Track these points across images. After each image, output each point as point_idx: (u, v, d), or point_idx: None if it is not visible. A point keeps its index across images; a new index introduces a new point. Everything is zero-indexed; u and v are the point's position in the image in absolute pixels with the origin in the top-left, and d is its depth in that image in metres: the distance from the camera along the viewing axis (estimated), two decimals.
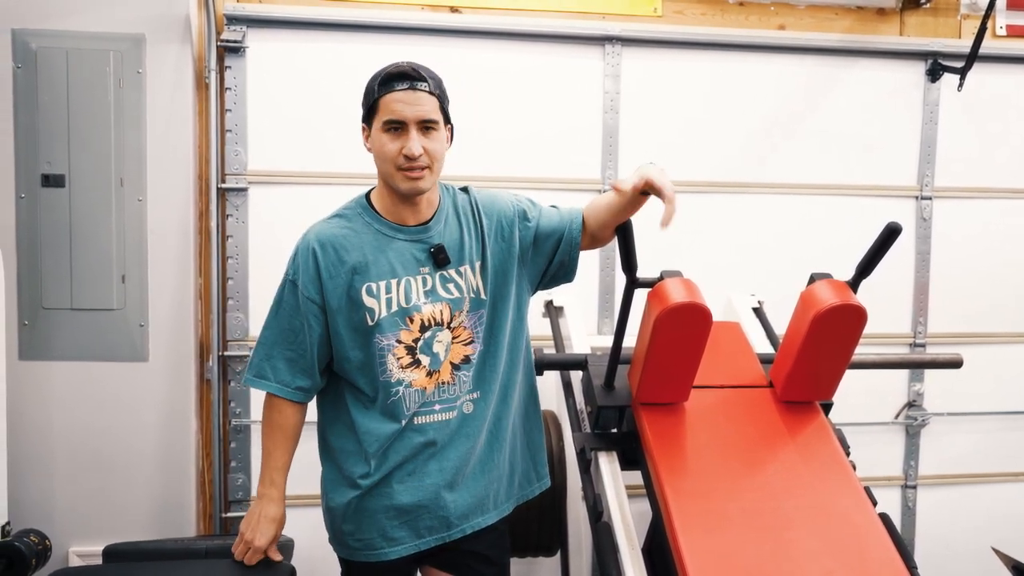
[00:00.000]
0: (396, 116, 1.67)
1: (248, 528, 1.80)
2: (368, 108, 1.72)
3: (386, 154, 1.68)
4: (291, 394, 1.77)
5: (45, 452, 2.63)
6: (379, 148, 1.70)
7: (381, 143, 1.69)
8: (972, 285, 3.15)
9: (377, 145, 1.70)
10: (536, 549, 2.49)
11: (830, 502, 1.66)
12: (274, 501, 1.79)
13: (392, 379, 1.72)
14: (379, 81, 1.69)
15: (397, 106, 1.67)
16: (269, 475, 1.80)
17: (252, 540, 1.78)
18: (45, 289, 2.60)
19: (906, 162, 3.08)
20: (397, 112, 1.67)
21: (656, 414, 1.86)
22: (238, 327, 2.76)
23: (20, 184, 2.57)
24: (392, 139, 1.68)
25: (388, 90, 1.67)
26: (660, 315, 1.70)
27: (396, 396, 1.72)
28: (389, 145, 1.68)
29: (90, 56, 2.57)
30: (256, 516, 1.79)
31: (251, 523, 1.79)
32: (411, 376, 1.73)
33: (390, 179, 1.71)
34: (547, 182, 2.88)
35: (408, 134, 1.67)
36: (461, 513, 1.78)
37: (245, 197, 2.75)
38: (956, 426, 3.18)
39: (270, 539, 1.79)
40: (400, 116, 1.67)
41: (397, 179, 1.70)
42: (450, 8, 2.83)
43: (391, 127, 1.68)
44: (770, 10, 3.01)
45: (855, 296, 1.76)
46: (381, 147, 1.69)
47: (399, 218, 1.76)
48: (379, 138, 1.69)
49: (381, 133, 1.69)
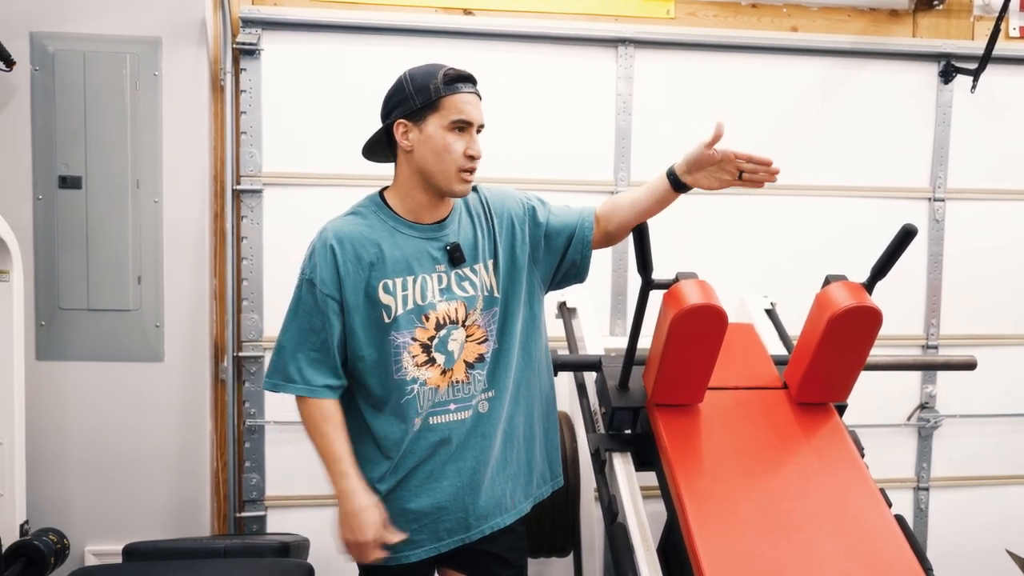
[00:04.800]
0: (466, 117, 1.68)
1: (348, 531, 1.69)
2: (425, 104, 1.68)
3: (451, 153, 1.68)
4: (321, 392, 1.73)
5: (62, 452, 2.65)
6: (440, 146, 1.68)
7: (445, 142, 1.68)
8: (984, 287, 3.14)
9: (438, 143, 1.68)
10: (549, 550, 2.50)
11: (846, 503, 1.66)
12: (357, 492, 1.69)
13: (407, 377, 1.72)
14: (445, 79, 1.68)
15: (467, 107, 1.68)
16: (337, 470, 1.70)
17: (360, 539, 1.67)
18: (62, 290, 2.62)
19: (919, 164, 3.08)
20: (467, 113, 1.68)
21: (671, 415, 1.86)
22: (253, 328, 2.78)
23: (37, 185, 2.60)
24: (457, 139, 1.68)
25: (455, 90, 1.68)
26: (676, 317, 1.71)
27: (410, 395, 1.72)
28: (456, 144, 1.68)
29: (107, 59, 2.59)
30: (349, 515, 1.68)
31: (349, 525, 1.68)
32: (426, 374, 1.73)
33: (443, 178, 1.70)
34: (560, 183, 2.89)
35: (471, 135, 1.69)
36: (480, 514, 1.78)
37: (260, 198, 2.77)
38: (968, 428, 3.18)
39: (376, 526, 1.68)
40: (469, 117, 1.68)
41: (454, 180, 1.70)
42: (463, 11, 2.85)
43: (458, 126, 1.68)
44: (783, 12, 3.02)
45: (870, 298, 1.76)
46: (445, 145, 1.68)
47: (417, 216, 1.76)
48: (441, 136, 1.68)
49: (445, 132, 1.68)
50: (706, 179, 1.75)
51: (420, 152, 1.70)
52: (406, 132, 1.71)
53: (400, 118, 1.71)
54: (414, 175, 1.73)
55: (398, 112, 1.71)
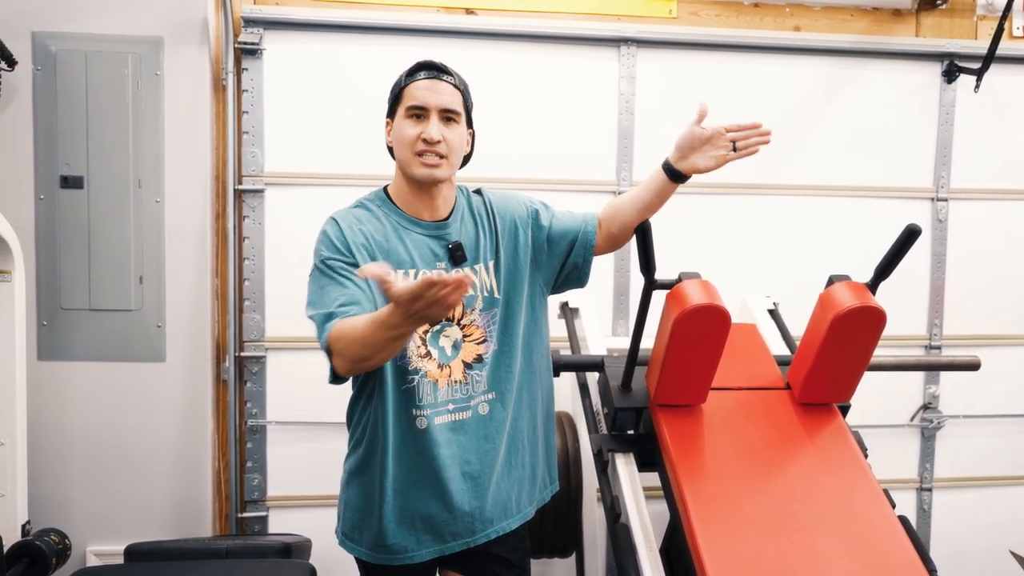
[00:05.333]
0: (418, 102, 1.71)
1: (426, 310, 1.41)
2: (393, 99, 1.77)
3: (405, 138, 1.71)
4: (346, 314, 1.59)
5: (63, 452, 2.65)
6: (399, 134, 1.73)
7: (401, 128, 1.73)
8: (988, 287, 3.13)
9: (397, 132, 1.74)
10: (551, 551, 2.49)
11: (849, 504, 1.66)
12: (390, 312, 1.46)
13: (410, 366, 1.72)
14: (408, 71, 1.76)
15: (420, 93, 1.71)
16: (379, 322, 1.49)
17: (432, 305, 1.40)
18: (63, 290, 2.62)
19: (922, 163, 3.07)
20: (420, 98, 1.71)
21: (674, 416, 1.85)
22: (254, 328, 2.77)
23: (39, 185, 2.59)
24: (412, 125, 1.72)
25: (413, 79, 1.73)
26: (679, 317, 1.70)
27: (411, 384, 1.72)
28: (409, 130, 1.71)
29: (109, 58, 2.59)
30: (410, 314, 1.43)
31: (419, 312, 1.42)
32: (426, 366, 1.73)
33: (407, 166, 1.73)
34: (562, 183, 2.88)
35: (428, 120, 1.71)
36: (487, 518, 1.78)
37: (262, 198, 2.76)
38: (972, 428, 3.17)
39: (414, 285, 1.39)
40: (422, 102, 1.71)
41: (413, 165, 1.72)
42: (465, 10, 2.84)
43: (413, 113, 1.72)
44: (785, 11, 3.01)
45: (874, 298, 1.76)
46: (401, 132, 1.73)
47: (416, 212, 1.78)
48: (400, 124, 1.74)
49: (403, 120, 1.73)
50: (702, 160, 1.78)
51: (394, 143, 1.77)
52: (389, 130, 1.79)
53: (387, 117, 1.80)
54: (398, 169, 1.79)
55: (387, 111, 1.80)
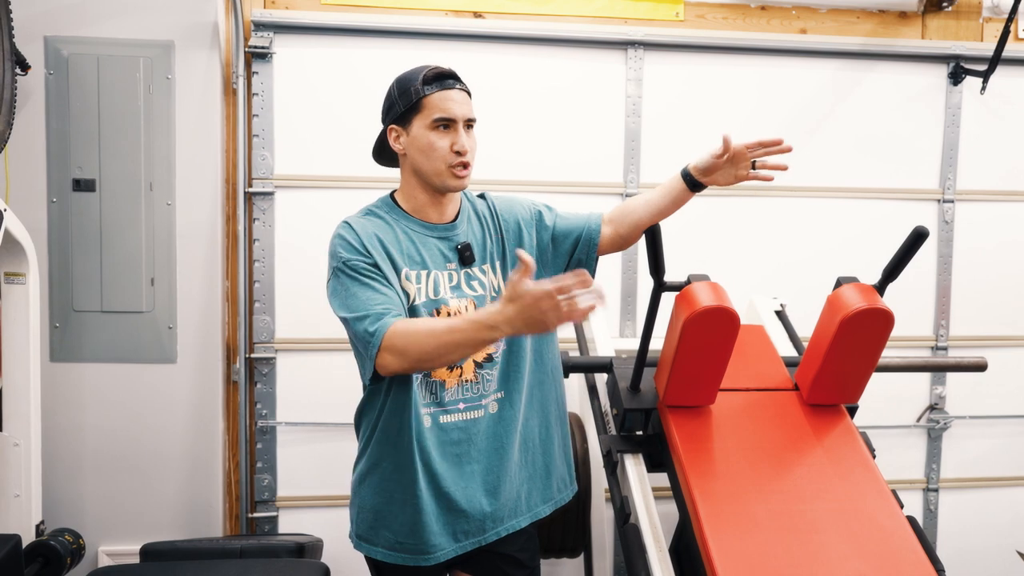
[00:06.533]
0: (448, 114, 1.70)
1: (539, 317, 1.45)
2: (408, 107, 1.72)
3: (436, 151, 1.70)
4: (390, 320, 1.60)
5: (76, 453, 2.67)
6: (426, 145, 1.71)
7: (429, 141, 1.70)
8: (994, 288, 3.14)
9: (423, 143, 1.71)
10: (560, 551, 2.51)
11: (858, 505, 1.67)
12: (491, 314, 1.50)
13: None
14: (423, 80, 1.71)
15: (449, 104, 1.70)
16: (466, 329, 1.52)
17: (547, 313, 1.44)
18: (76, 292, 2.64)
19: (928, 165, 3.08)
20: (449, 110, 1.70)
21: (683, 417, 1.87)
22: (264, 329, 2.79)
23: (52, 188, 2.62)
24: (441, 136, 1.70)
25: (436, 88, 1.70)
26: (688, 319, 1.72)
27: (424, 383, 1.73)
28: (440, 142, 1.70)
29: (120, 62, 2.61)
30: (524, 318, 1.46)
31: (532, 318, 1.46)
32: None
33: (436, 177, 1.73)
34: (569, 185, 2.90)
35: (457, 131, 1.71)
36: (497, 516, 1.79)
37: (272, 201, 2.78)
38: (978, 429, 3.17)
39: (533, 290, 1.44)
40: (451, 114, 1.70)
41: (446, 176, 1.72)
42: (473, 13, 2.86)
43: (441, 124, 1.70)
44: (791, 14, 3.02)
45: (882, 300, 1.77)
46: (429, 144, 1.70)
47: (424, 215, 1.79)
48: (425, 136, 1.71)
49: (428, 131, 1.71)
50: (722, 177, 1.86)
51: (411, 154, 1.74)
52: (397, 137, 1.76)
53: (391, 123, 1.76)
54: (413, 176, 1.78)
55: (388, 118, 1.77)
